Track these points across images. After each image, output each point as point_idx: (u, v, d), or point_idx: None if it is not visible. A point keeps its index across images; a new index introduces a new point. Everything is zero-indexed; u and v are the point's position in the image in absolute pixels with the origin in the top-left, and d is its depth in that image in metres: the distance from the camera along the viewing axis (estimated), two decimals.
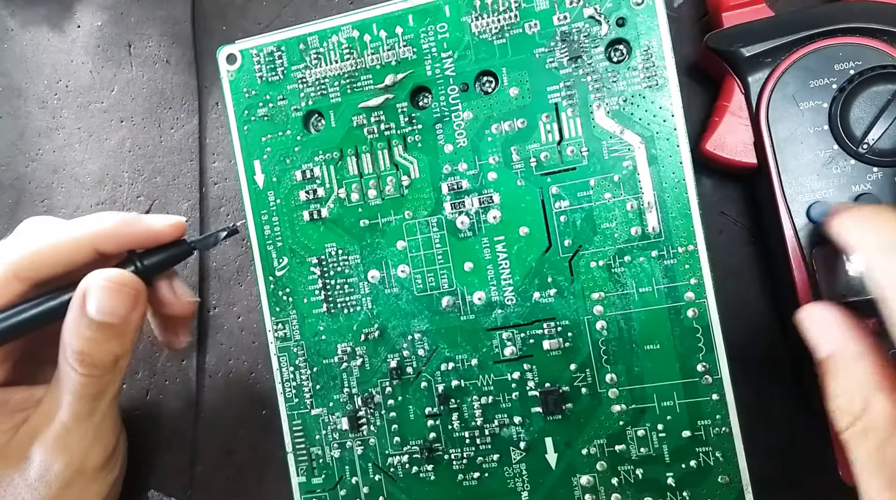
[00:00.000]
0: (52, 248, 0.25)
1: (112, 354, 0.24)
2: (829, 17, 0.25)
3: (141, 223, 0.26)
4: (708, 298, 0.24)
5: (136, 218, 0.26)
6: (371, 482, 0.27)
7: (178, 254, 0.27)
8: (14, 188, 0.35)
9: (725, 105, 0.26)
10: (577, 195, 0.25)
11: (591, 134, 0.25)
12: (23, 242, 0.25)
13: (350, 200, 0.27)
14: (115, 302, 0.24)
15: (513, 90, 0.26)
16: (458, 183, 0.26)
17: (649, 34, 0.25)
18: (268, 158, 0.28)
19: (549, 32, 0.25)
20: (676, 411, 0.25)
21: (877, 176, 0.24)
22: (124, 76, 0.34)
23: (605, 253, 0.25)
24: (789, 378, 0.27)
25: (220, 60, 0.28)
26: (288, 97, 0.28)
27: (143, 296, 0.25)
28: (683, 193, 0.25)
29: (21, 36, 0.35)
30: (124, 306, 0.24)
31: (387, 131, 0.27)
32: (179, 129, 0.33)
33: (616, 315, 0.25)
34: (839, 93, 0.24)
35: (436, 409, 0.27)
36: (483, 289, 0.26)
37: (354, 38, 0.27)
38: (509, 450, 0.26)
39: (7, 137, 0.35)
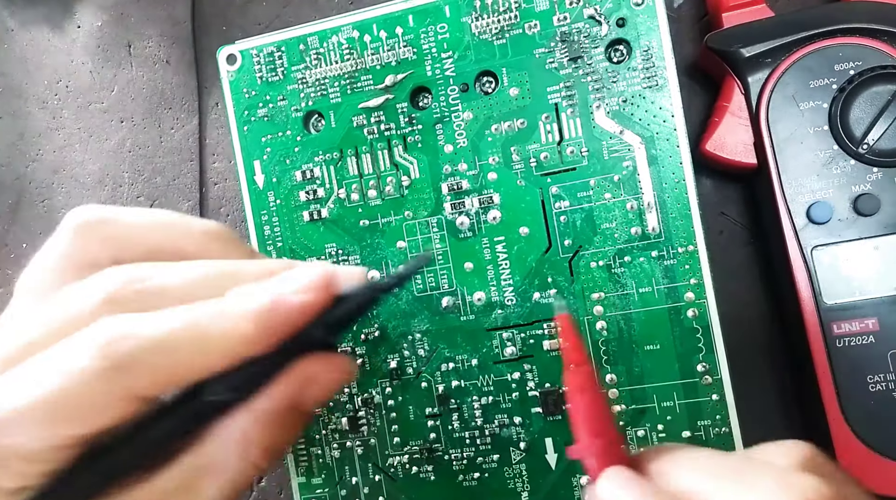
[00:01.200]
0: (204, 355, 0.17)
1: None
2: (829, 17, 0.25)
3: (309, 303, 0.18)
4: (708, 298, 0.24)
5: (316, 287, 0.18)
6: (371, 482, 0.27)
7: (365, 304, 0.20)
8: (14, 189, 0.35)
9: (725, 105, 0.26)
10: (577, 196, 0.25)
11: (591, 134, 0.25)
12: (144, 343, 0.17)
13: (350, 200, 0.27)
14: (331, 389, 0.20)
15: (513, 90, 0.26)
16: (458, 183, 0.26)
17: (649, 34, 0.25)
18: (268, 158, 0.28)
19: (549, 33, 0.25)
20: (676, 411, 0.25)
21: (877, 176, 0.24)
22: (124, 76, 0.34)
23: (605, 253, 0.25)
24: (789, 378, 0.27)
25: (220, 61, 0.28)
26: (288, 97, 0.28)
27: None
28: (683, 194, 0.25)
29: (21, 36, 0.35)
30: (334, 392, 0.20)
31: (387, 132, 0.27)
32: (179, 129, 0.33)
33: (616, 315, 0.25)
34: (839, 93, 0.24)
35: (436, 409, 0.27)
36: (483, 289, 0.26)
37: (354, 39, 0.27)
38: (509, 450, 0.26)
39: (7, 137, 0.35)
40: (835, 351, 0.24)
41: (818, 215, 0.24)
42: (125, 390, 0.17)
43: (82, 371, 0.16)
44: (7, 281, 0.36)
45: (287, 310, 0.18)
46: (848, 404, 0.24)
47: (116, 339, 0.17)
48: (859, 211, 0.24)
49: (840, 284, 0.24)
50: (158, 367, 0.17)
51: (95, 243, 0.20)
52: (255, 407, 0.19)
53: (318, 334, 0.19)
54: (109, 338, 0.17)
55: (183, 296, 0.18)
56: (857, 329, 0.24)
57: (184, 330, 0.17)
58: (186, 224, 0.20)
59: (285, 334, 0.18)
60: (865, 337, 0.24)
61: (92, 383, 0.16)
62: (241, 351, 0.18)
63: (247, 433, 0.19)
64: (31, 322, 0.19)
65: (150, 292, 0.18)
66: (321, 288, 0.18)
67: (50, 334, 0.18)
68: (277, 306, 0.18)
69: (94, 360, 0.16)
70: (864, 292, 0.24)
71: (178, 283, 0.19)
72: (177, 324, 0.17)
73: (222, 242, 0.20)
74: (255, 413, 0.19)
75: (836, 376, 0.24)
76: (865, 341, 0.24)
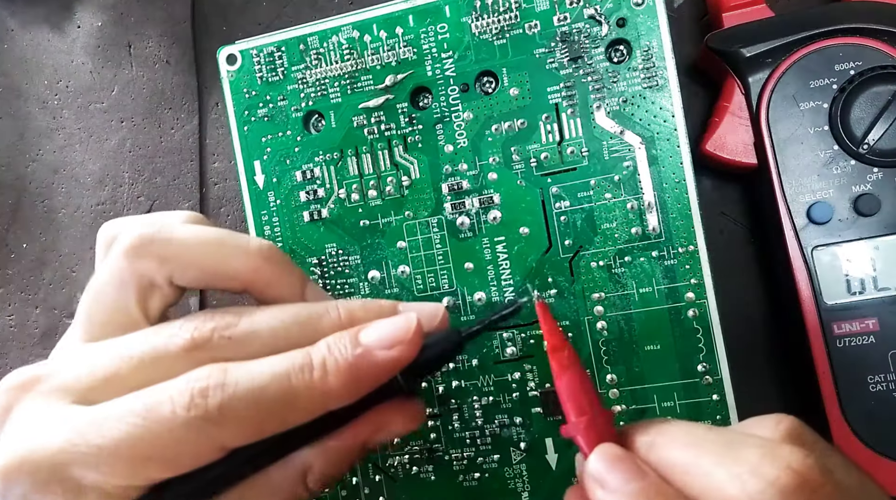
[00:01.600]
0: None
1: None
2: (829, 17, 0.25)
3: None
4: (708, 298, 0.24)
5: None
6: (371, 482, 0.27)
7: (449, 353, 0.20)
8: (14, 189, 0.35)
9: (726, 105, 0.26)
10: (578, 196, 0.25)
11: (592, 134, 0.25)
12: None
13: (350, 200, 0.27)
14: (402, 434, 0.21)
15: (513, 91, 0.26)
16: (459, 183, 0.26)
17: (650, 35, 0.25)
18: (268, 158, 0.28)
19: (549, 33, 0.25)
20: (677, 411, 0.25)
21: (877, 176, 0.24)
22: (124, 76, 0.34)
23: (606, 253, 0.25)
24: (789, 378, 0.27)
25: (221, 61, 0.28)
26: (288, 97, 0.28)
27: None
28: (684, 194, 0.25)
29: (21, 36, 0.35)
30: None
31: (387, 132, 0.27)
32: (179, 129, 0.33)
33: (616, 316, 0.25)
34: (839, 93, 0.24)
35: (436, 409, 0.27)
36: (483, 289, 0.26)
37: (355, 39, 0.27)
38: (510, 451, 0.26)
39: (7, 137, 0.35)
40: (835, 351, 0.24)
41: (818, 215, 0.24)
42: (213, 441, 0.17)
43: (174, 418, 0.17)
44: (6, 281, 0.36)
45: (373, 366, 0.18)
46: (848, 405, 0.24)
47: (210, 389, 0.17)
48: (860, 211, 0.24)
49: (840, 284, 0.24)
50: (247, 420, 0.17)
51: (152, 265, 0.20)
52: (328, 444, 0.19)
53: (399, 382, 0.19)
54: (203, 388, 0.17)
55: (269, 343, 0.19)
56: (858, 329, 0.24)
57: (274, 384, 0.17)
58: (238, 244, 0.20)
59: (370, 388, 0.18)
60: (866, 337, 0.24)
61: (182, 430, 0.17)
62: (327, 406, 0.18)
63: (312, 464, 0.19)
64: (114, 356, 0.19)
65: (238, 340, 0.18)
66: (408, 343, 0.18)
67: (138, 371, 0.18)
68: (364, 362, 0.18)
69: (186, 409, 0.17)
70: (864, 293, 0.24)
71: (265, 330, 0.19)
72: (267, 378, 0.17)
73: (275, 264, 0.21)
74: (324, 449, 0.19)
75: (836, 376, 0.24)
76: (866, 342, 0.24)
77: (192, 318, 0.19)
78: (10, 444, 0.18)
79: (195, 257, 0.20)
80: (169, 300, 0.21)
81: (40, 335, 0.35)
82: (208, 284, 0.21)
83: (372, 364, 0.18)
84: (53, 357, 0.21)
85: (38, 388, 0.18)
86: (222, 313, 0.19)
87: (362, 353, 0.18)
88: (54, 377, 0.19)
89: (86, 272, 0.35)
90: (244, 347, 0.18)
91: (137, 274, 0.20)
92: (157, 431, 0.17)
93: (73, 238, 0.35)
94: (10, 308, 0.36)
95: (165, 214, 0.22)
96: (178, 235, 0.20)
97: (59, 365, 0.19)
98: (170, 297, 0.21)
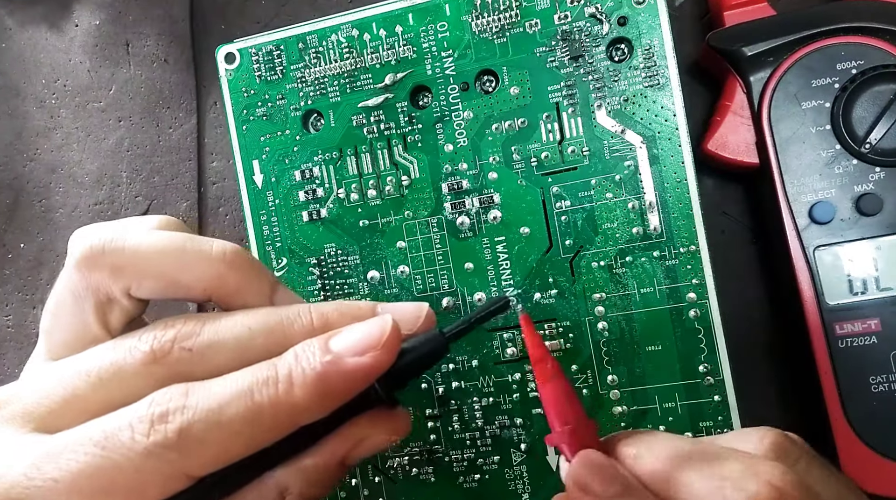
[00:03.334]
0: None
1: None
2: (831, 16, 0.25)
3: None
4: (710, 298, 0.24)
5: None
6: (371, 483, 0.27)
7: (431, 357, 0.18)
8: (12, 188, 0.35)
9: (727, 104, 0.26)
10: (579, 195, 0.25)
11: (593, 134, 0.25)
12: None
13: (350, 200, 0.27)
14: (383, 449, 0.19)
15: (513, 89, 0.26)
16: (459, 183, 0.26)
17: (651, 33, 0.24)
18: (267, 157, 0.28)
19: (550, 31, 0.25)
20: (678, 412, 0.25)
21: (879, 176, 0.24)
22: (122, 75, 0.34)
23: (607, 253, 0.25)
24: (791, 379, 0.27)
25: (219, 60, 0.28)
26: (287, 97, 0.27)
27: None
28: (685, 193, 0.24)
29: (19, 35, 0.35)
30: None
31: (386, 131, 0.27)
32: (178, 128, 0.33)
33: (617, 316, 0.25)
34: (841, 92, 0.24)
35: (436, 410, 0.26)
36: (483, 290, 0.26)
37: (354, 37, 0.27)
38: (510, 452, 0.26)
39: (5, 136, 0.35)
40: (837, 352, 0.24)
41: (820, 215, 0.24)
42: (175, 469, 0.16)
43: (133, 446, 0.16)
44: (4, 281, 0.35)
45: (345, 376, 0.17)
46: (850, 405, 0.24)
47: (170, 414, 0.16)
48: (862, 211, 0.24)
49: (842, 284, 0.24)
50: (211, 444, 0.16)
51: (105, 277, 0.18)
52: (303, 462, 0.18)
53: (377, 391, 0.18)
54: (163, 412, 0.16)
55: (235, 354, 0.17)
56: (860, 330, 0.24)
57: (236, 403, 0.16)
58: (200, 249, 0.19)
59: (343, 399, 0.17)
60: (868, 338, 0.24)
61: (142, 460, 0.16)
62: (296, 422, 0.17)
63: (288, 486, 0.18)
64: (72, 374, 0.17)
65: (200, 351, 0.17)
66: (382, 349, 0.17)
67: (97, 390, 0.17)
68: (334, 372, 0.17)
69: (145, 435, 0.16)
70: (866, 293, 0.24)
71: (230, 339, 0.18)
72: (228, 396, 0.16)
73: (240, 269, 0.19)
74: (300, 468, 0.18)
75: (838, 376, 0.24)
76: (868, 342, 0.24)
77: (152, 327, 0.18)
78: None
79: (151, 266, 0.18)
80: (130, 313, 0.19)
81: (38, 336, 0.35)
82: (168, 294, 0.19)
83: (343, 373, 0.17)
84: (21, 377, 0.19)
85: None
86: (184, 321, 0.18)
87: (331, 361, 0.17)
88: (14, 403, 0.18)
89: None
90: (208, 359, 0.17)
91: (92, 287, 0.19)
92: (116, 461, 0.16)
93: None
94: (8, 308, 0.36)
95: (133, 221, 0.21)
96: (132, 244, 0.18)
97: (20, 388, 0.18)
98: (130, 309, 0.19)
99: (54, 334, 0.19)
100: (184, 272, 0.19)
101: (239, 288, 0.19)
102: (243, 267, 0.19)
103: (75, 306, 0.19)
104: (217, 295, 0.19)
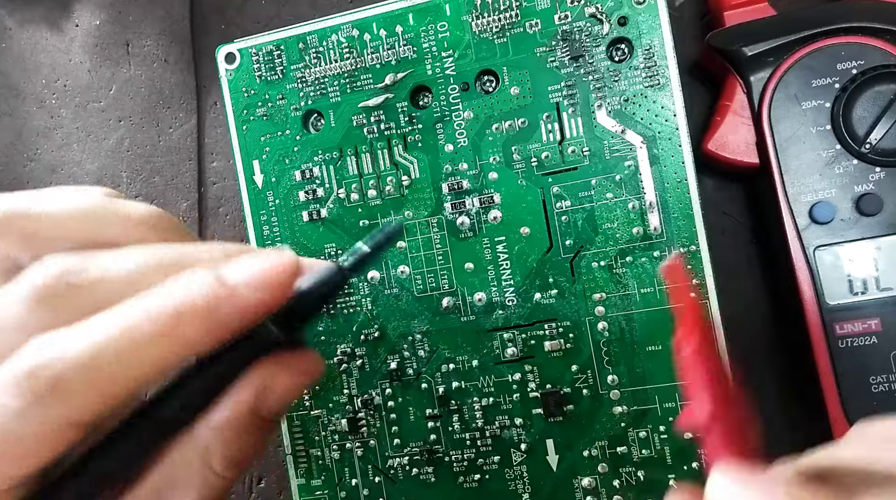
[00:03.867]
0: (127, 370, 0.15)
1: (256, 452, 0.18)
2: (831, 16, 0.25)
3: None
4: (710, 298, 0.24)
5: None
6: (371, 483, 0.27)
7: (330, 292, 0.17)
8: (12, 188, 0.35)
9: (727, 104, 0.26)
10: (579, 195, 0.25)
11: (593, 134, 0.25)
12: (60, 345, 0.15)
13: (350, 200, 0.27)
14: (295, 394, 0.18)
15: (514, 90, 0.26)
16: (459, 183, 0.26)
17: (651, 33, 0.24)
18: (267, 157, 0.28)
19: (550, 31, 0.25)
20: (678, 412, 0.25)
21: (879, 176, 0.24)
22: (122, 75, 0.34)
23: (607, 253, 0.25)
24: (791, 379, 0.27)
25: (219, 59, 0.28)
26: (287, 97, 0.27)
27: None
28: (685, 193, 0.24)
29: (19, 35, 0.35)
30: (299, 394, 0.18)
31: (387, 131, 0.27)
32: (178, 128, 0.33)
33: (618, 316, 0.25)
34: (841, 92, 0.24)
35: (436, 410, 0.26)
36: (484, 290, 0.26)
37: (354, 37, 0.27)
38: (510, 452, 0.26)
39: (5, 136, 0.35)
40: (837, 352, 0.24)
41: (821, 215, 0.24)
42: (56, 422, 0.15)
43: (5, 411, 0.15)
44: None
45: (231, 309, 0.15)
46: (850, 405, 0.24)
47: (37, 369, 0.15)
48: (862, 211, 0.24)
49: (843, 284, 0.24)
50: (86, 390, 0.15)
51: (13, 244, 0.17)
52: (213, 419, 0.17)
53: (276, 330, 0.16)
54: (29, 369, 0.15)
55: (123, 288, 0.16)
56: (860, 330, 0.24)
57: (110, 342, 0.15)
58: (117, 212, 0.18)
59: (231, 334, 0.16)
60: (868, 338, 0.24)
61: (18, 421, 0.15)
62: (178, 355, 0.16)
63: (208, 446, 0.17)
64: None
65: (86, 287, 0.16)
66: (275, 286, 0.16)
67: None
68: (224, 303, 0.15)
69: (16, 397, 0.15)
70: (866, 293, 0.24)
71: (117, 273, 0.16)
72: (100, 336, 0.15)
73: (162, 231, 0.18)
74: (214, 425, 0.17)
75: (838, 376, 0.24)
76: (868, 342, 0.24)
77: (34, 270, 0.16)
78: None
79: (65, 231, 0.17)
80: None
81: None
82: None
83: (234, 305, 0.15)
84: None
85: None
86: (68, 258, 0.16)
87: (223, 291, 0.15)
88: None
89: None
90: (96, 295, 0.16)
91: (0, 256, 0.17)
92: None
93: None
94: None
95: (53, 189, 0.19)
96: (43, 209, 0.17)
97: None
98: None
99: None
100: (101, 237, 0.17)
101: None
102: (168, 230, 0.18)
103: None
104: None
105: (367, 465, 0.27)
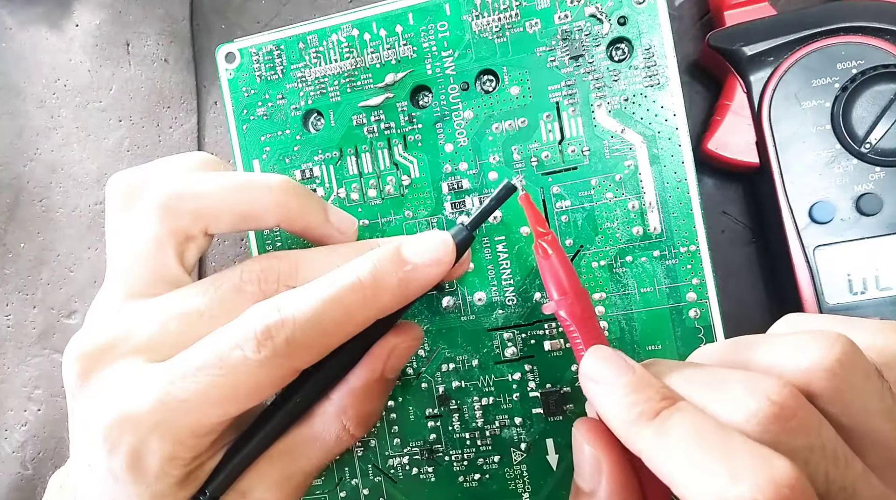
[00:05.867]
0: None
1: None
2: (831, 15, 0.25)
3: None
4: (710, 298, 0.24)
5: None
6: (371, 483, 0.27)
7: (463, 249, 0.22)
8: (12, 188, 0.35)
9: (727, 104, 0.26)
10: (579, 195, 0.25)
11: (593, 133, 0.25)
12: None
13: (350, 199, 0.27)
14: (408, 357, 0.23)
15: (514, 89, 0.26)
16: (459, 182, 0.26)
17: (651, 33, 0.24)
18: (267, 157, 0.28)
19: (550, 31, 0.25)
20: None
21: (879, 176, 0.24)
22: (123, 75, 0.34)
23: (607, 253, 0.25)
24: None
25: (219, 59, 0.28)
26: (287, 96, 0.27)
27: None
28: (685, 193, 0.24)
29: (19, 35, 0.35)
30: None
31: (387, 131, 0.27)
32: (178, 128, 0.33)
33: (618, 315, 0.25)
34: (841, 92, 0.24)
35: (436, 410, 0.26)
36: (484, 289, 0.26)
37: (354, 37, 0.27)
38: (510, 451, 0.26)
39: (5, 136, 0.35)
40: None
41: (820, 215, 0.24)
42: (286, 369, 0.19)
43: (247, 361, 0.18)
44: (4, 281, 0.36)
45: (415, 283, 0.20)
46: None
47: (272, 327, 0.19)
48: (862, 211, 0.24)
49: (842, 284, 0.24)
50: (311, 346, 0.19)
51: (187, 221, 0.21)
52: (350, 383, 0.22)
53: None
54: (265, 327, 0.19)
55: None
56: None
57: (329, 308, 0.19)
58: (262, 183, 0.22)
59: (411, 301, 0.21)
60: None
61: (257, 369, 0.19)
62: (375, 318, 0.20)
63: (344, 406, 0.22)
64: (183, 313, 0.20)
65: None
66: (445, 263, 0.21)
67: (209, 324, 0.20)
68: (406, 278, 0.20)
69: (256, 351, 0.18)
70: (866, 292, 0.24)
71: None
72: (322, 300, 0.19)
73: (297, 195, 0.22)
74: (351, 388, 0.22)
75: None
76: None
77: (249, 269, 0.21)
78: (106, 406, 0.19)
79: (226, 205, 0.21)
80: (203, 248, 0.22)
81: (38, 335, 0.35)
82: (242, 226, 0.22)
83: (419, 279, 0.20)
84: (94, 316, 0.21)
85: (114, 352, 0.20)
86: (276, 259, 0.21)
87: (409, 268, 0.20)
88: (129, 340, 0.20)
89: (84, 272, 0.34)
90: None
91: (174, 232, 0.21)
92: (234, 375, 0.18)
93: (71, 238, 0.35)
94: (8, 308, 0.36)
95: (172, 161, 0.23)
96: (207, 188, 0.21)
97: (127, 327, 0.20)
98: (204, 245, 0.22)
99: (136, 274, 0.21)
100: (253, 205, 0.22)
101: (301, 211, 0.22)
102: (299, 192, 0.23)
103: (158, 250, 0.21)
104: (284, 220, 0.22)
105: (367, 465, 0.27)
